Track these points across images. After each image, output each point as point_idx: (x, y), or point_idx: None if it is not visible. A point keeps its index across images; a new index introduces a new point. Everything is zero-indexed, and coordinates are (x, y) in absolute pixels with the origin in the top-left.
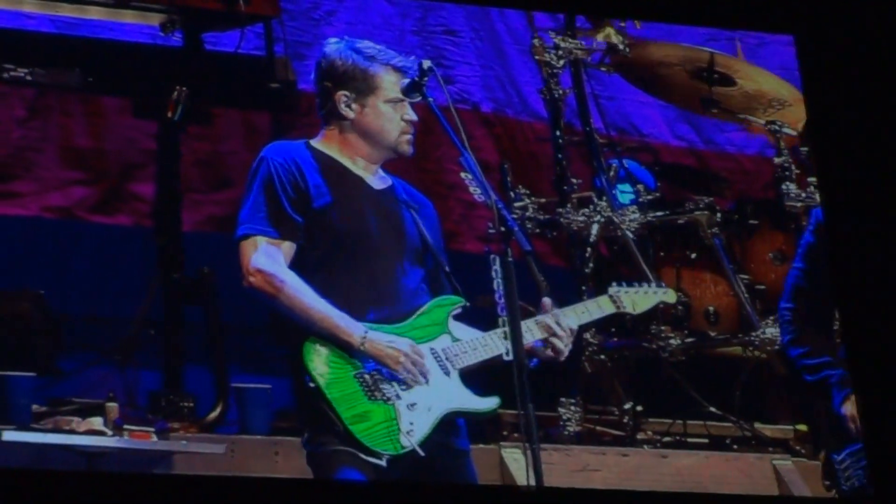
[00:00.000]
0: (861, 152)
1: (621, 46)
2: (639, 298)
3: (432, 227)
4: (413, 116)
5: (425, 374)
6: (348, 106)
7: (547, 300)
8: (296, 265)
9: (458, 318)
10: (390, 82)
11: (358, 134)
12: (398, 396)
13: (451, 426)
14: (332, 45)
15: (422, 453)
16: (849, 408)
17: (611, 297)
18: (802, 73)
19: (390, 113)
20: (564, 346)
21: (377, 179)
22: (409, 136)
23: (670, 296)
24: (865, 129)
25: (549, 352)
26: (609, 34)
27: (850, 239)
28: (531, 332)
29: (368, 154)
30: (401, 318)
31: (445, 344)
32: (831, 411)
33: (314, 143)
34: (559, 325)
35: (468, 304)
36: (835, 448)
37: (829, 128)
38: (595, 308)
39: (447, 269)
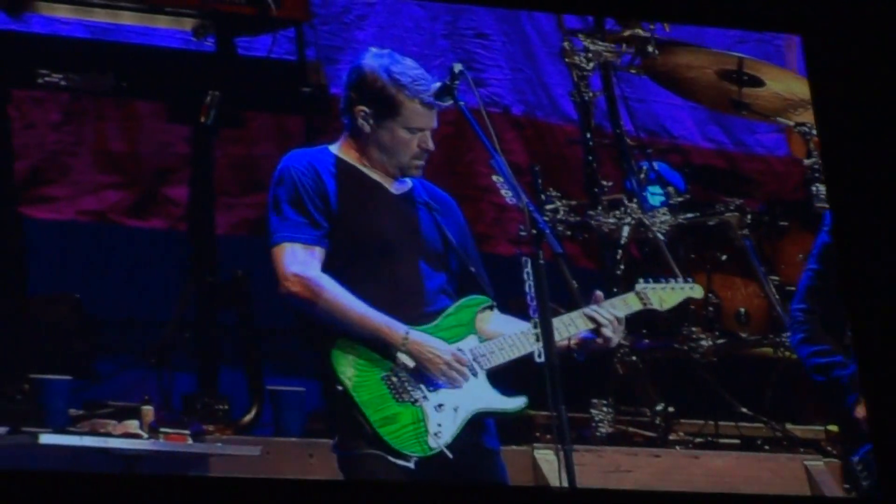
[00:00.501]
0: (870, 154)
1: (650, 49)
2: (666, 295)
3: (456, 225)
4: (430, 146)
5: (464, 380)
6: (365, 121)
7: (599, 293)
8: (324, 270)
9: (488, 317)
10: (414, 112)
11: (373, 147)
12: (426, 398)
13: (479, 426)
14: (371, 59)
15: (450, 455)
16: (861, 409)
17: (637, 293)
18: (810, 73)
19: (406, 138)
20: (613, 332)
21: (396, 184)
22: (420, 163)
23: (697, 291)
24: (875, 130)
25: (599, 341)
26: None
27: (859, 241)
28: (575, 324)
29: (382, 166)
30: (426, 320)
31: (473, 344)
32: (843, 413)
33: (333, 148)
34: (603, 314)
35: (495, 303)
36: (852, 450)
37: (838, 129)
38: (622, 305)
39: (472, 268)
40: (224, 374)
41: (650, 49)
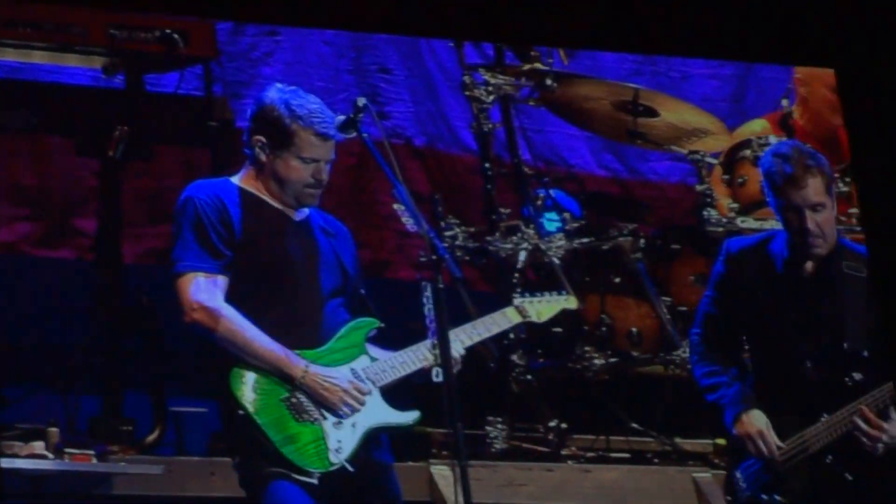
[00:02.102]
0: None
1: (549, 82)
2: (542, 307)
3: (349, 252)
4: (324, 177)
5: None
6: (262, 150)
7: None
8: (227, 298)
9: (373, 340)
10: (308, 143)
11: (269, 176)
12: (324, 416)
13: (374, 441)
14: (272, 92)
15: (351, 469)
16: (742, 426)
17: (516, 307)
18: (844, 106)
19: (299, 168)
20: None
21: (296, 212)
22: (313, 192)
23: (572, 302)
24: None
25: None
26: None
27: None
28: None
29: (279, 196)
30: (322, 341)
31: (365, 364)
32: (725, 429)
33: (235, 179)
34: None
35: (383, 325)
36: (735, 464)
37: (870, 161)
38: (502, 319)
39: (363, 292)
40: (129, 398)
41: (548, 82)
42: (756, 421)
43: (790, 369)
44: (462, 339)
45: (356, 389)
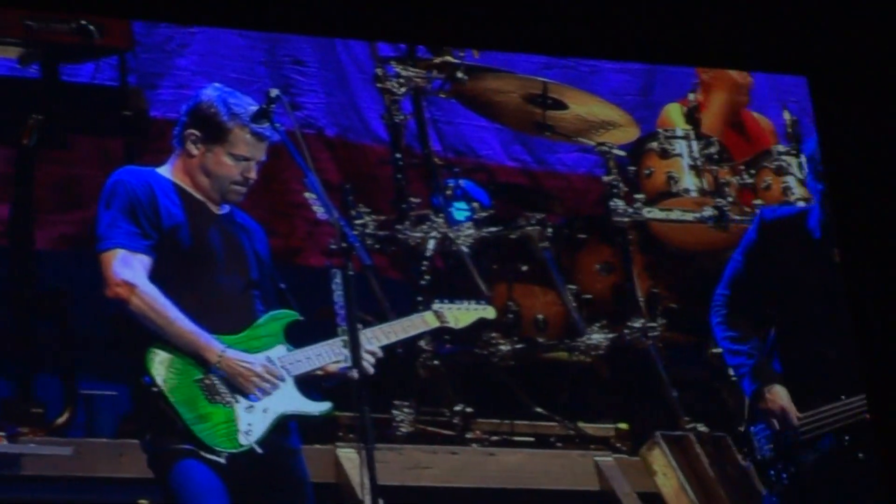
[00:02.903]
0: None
1: (460, 74)
2: (461, 314)
3: (265, 249)
4: (253, 176)
5: (274, 390)
6: (194, 144)
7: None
8: (151, 279)
9: (292, 331)
10: (242, 141)
11: (199, 170)
12: (237, 400)
13: (284, 427)
14: (211, 90)
15: (259, 451)
16: (765, 402)
17: (435, 312)
18: (816, 112)
19: (230, 165)
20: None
21: (219, 206)
22: (240, 189)
23: (490, 312)
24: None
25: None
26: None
27: (865, 278)
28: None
29: (205, 189)
30: (238, 329)
31: (281, 353)
32: (743, 394)
33: (163, 169)
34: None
35: (302, 318)
36: (751, 422)
37: (842, 164)
38: (420, 323)
39: (283, 286)
40: (40, 381)
41: (459, 75)
42: (779, 398)
43: (816, 346)
44: (379, 337)
45: (270, 374)
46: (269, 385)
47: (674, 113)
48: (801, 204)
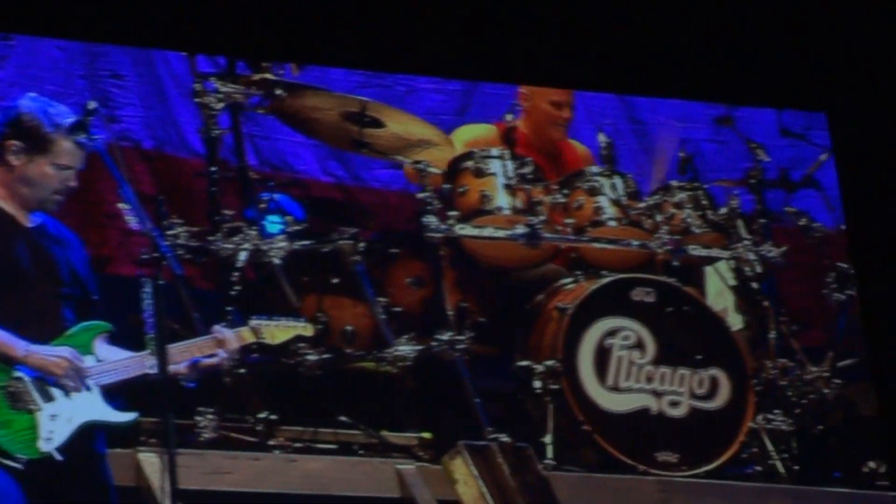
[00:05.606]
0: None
1: (278, 91)
2: (278, 331)
3: (81, 260)
4: (73, 184)
5: (85, 382)
6: (15, 155)
7: (217, 327)
8: None
9: (104, 341)
10: (64, 150)
11: (16, 181)
12: (40, 408)
13: (89, 434)
14: (29, 101)
15: (59, 457)
16: None
17: (252, 328)
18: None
19: (52, 174)
20: (221, 361)
21: (30, 218)
22: (59, 199)
23: (308, 329)
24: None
25: (205, 365)
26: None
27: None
28: (190, 351)
29: (22, 200)
30: (47, 340)
31: (90, 364)
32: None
33: None
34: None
35: (114, 329)
36: None
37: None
38: (236, 338)
39: (95, 297)
40: None
41: (278, 92)
42: None
43: None
44: (193, 351)
45: (77, 360)
46: (76, 371)
47: (480, 130)
48: (612, 223)
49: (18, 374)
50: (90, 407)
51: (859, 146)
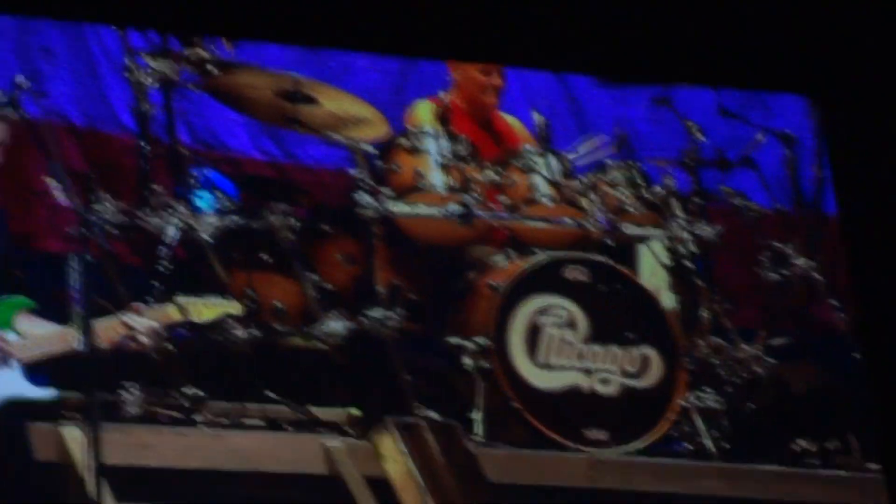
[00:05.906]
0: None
1: (211, 68)
2: (205, 309)
3: (5, 235)
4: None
5: (5, 358)
6: None
7: (137, 304)
8: None
9: (27, 317)
10: None
11: None
12: None
13: (10, 410)
14: None
15: None
16: None
17: (178, 306)
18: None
19: None
20: (148, 339)
21: None
22: None
23: (235, 307)
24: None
25: (134, 346)
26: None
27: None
28: (114, 329)
29: None
30: None
31: (11, 338)
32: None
33: None
34: (144, 323)
35: (35, 304)
36: None
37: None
38: (162, 315)
39: (18, 273)
40: None
41: (210, 69)
42: None
43: None
44: (116, 328)
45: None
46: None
47: (422, 110)
48: (546, 202)
49: None
50: (10, 383)
51: (845, 131)
